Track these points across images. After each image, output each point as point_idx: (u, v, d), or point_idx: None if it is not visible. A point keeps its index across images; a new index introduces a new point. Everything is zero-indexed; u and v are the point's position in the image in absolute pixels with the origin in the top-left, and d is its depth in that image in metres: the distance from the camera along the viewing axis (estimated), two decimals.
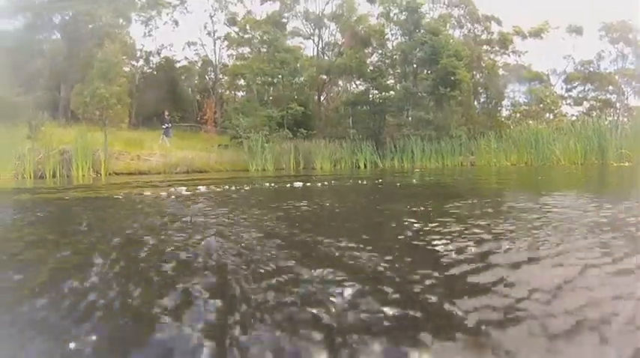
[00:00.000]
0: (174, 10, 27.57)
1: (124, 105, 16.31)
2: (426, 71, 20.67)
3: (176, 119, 23.95)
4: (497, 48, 26.66)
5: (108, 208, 3.76)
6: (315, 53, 25.84)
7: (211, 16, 28.17)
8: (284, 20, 25.64)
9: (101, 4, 20.73)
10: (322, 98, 25.15)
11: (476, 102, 24.94)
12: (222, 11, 28.00)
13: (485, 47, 26.46)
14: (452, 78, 19.23)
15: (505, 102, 25.69)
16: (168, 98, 25.44)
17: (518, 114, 24.12)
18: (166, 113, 20.34)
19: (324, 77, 24.04)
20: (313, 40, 26.08)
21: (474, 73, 23.89)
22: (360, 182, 7.31)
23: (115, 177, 12.19)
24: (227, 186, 6.42)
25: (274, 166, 17.21)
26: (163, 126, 19.46)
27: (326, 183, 7.34)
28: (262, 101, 20.71)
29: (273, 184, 6.90)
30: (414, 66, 21.32)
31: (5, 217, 3.25)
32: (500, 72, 25.35)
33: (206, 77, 29.13)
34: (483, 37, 26.79)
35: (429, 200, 3.90)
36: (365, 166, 18.31)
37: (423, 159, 18.34)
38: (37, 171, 12.21)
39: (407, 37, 21.38)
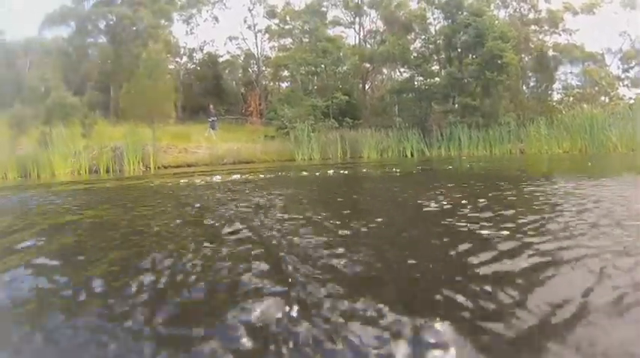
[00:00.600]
0: (214, 7, 28.40)
1: (170, 102, 16.81)
2: (471, 55, 20.13)
3: (222, 112, 24.50)
4: (546, 27, 25.48)
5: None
6: (357, 42, 25.78)
7: (250, 10, 28.53)
8: (323, 9, 25.64)
9: (142, 7, 21.61)
10: (367, 87, 25.12)
11: (525, 87, 24.02)
12: (260, 4, 28.32)
13: (533, 27, 25.39)
14: (498, 61, 18.53)
15: (556, 86, 24.46)
16: (214, 92, 26.38)
17: (570, 98, 22.99)
18: (211, 106, 20.88)
19: (368, 66, 23.95)
20: (354, 29, 26.02)
21: (522, 55, 23.02)
22: (390, 170, 7.34)
23: (163, 170, 12.86)
24: (262, 175, 6.78)
25: (321, 156, 17.38)
26: (209, 120, 20.01)
27: (367, 170, 7.48)
28: (307, 91, 20.91)
29: (305, 172, 7.02)
30: (459, 50, 20.83)
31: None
32: (551, 53, 24.26)
33: (249, 70, 29.64)
34: (530, 16, 25.67)
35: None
36: (412, 155, 18.13)
37: (470, 147, 17.99)
38: (92, 166, 13.03)
39: (449, 21, 20.90)
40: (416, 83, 21.51)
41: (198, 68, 28.35)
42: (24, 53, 24.81)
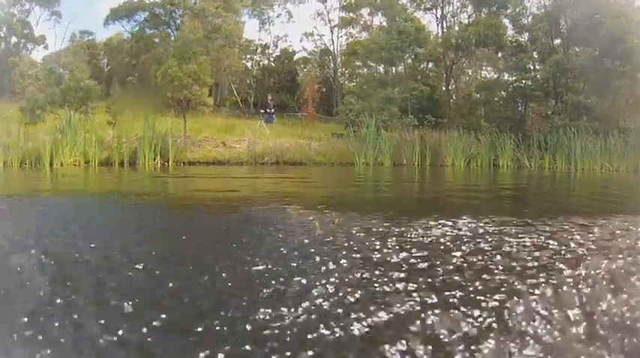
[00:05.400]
0: (287, 1, 27.98)
1: (204, 87, 14.63)
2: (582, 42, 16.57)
3: (295, 108, 23.69)
4: None
5: None
6: (439, 30, 22.19)
7: (324, 2, 27.47)
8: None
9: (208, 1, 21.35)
10: (451, 85, 21.50)
11: None
12: None
13: None
14: (620, 46, 14.54)
15: None
16: (287, 88, 26.37)
17: None
18: (269, 98, 19.40)
19: (452, 57, 20.49)
20: (435, 15, 22.31)
21: None
22: None
23: (183, 168, 11.78)
24: None
25: (392, 160, 14.78)
26: (261, 111, 18.49)
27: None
28: (382, 82, 18.32)
29: None
30: (565, 34, 17.34)
31: None
32: None
33: (326, 67, 28.78)
34: None
35: None
36: (507, 166, 14.97)
37: (583, 159, 14.40)
38: (111, 157, 12.12)
39: None
40: (507, 77, 18.19)
41: (273, 64, 28.02)
42: (104, 51, 25.77)
